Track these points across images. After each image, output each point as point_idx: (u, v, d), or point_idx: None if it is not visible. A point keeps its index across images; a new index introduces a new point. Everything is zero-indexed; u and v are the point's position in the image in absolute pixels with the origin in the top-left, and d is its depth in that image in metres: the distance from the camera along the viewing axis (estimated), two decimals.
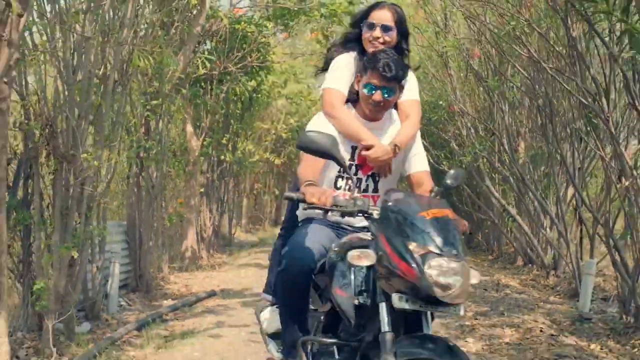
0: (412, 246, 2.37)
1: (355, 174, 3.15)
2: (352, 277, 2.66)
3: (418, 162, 3.26)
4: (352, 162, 3.14)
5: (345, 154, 3.06)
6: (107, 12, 5.38)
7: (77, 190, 5.28)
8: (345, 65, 3.27)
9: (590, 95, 5.04)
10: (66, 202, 5.27)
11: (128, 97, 6.18)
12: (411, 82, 3.28)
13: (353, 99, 3.21)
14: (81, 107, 5.21)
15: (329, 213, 2.69)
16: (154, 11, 6.27)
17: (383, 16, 3.27)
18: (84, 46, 5.18)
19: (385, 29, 3.24)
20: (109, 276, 6.64)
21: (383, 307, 2.48)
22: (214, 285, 8.42)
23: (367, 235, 2.83)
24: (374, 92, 3.02)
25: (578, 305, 6.88)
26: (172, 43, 6.99)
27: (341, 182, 3.17)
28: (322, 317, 3.13)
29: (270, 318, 3.47)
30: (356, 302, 2.62)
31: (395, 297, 2.41)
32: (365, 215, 2.66)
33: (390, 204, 2.58)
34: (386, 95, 3.02)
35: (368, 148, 3.06)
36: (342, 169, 3.09)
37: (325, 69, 3.43)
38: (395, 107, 3.28)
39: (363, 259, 2.55)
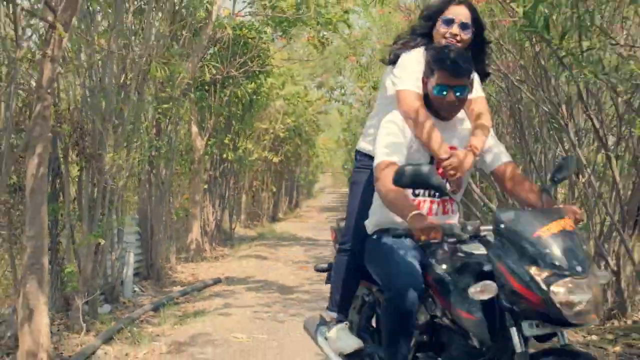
0: (533, 270, 2.30)
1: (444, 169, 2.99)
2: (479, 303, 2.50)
3: (500, 155, 3.10)
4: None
5: (420, 156, 2.98)
6: (128, 28, 6.08)
7: (102, 185, 5.99)
8: (416, 62, 3.11)
9: (552, 104, 5.75)
10: (92, 196, 5.98)
11: (143, 102, 6.85)
12: (475, 78, 3.12)
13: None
14: (105, 112, 5.92)
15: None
16: (167, 25, 6.95)
17: (462, 12, 3.13)
18: (107, 58, 5.89)
19: (464, 26, 3.11)
20: (125, 264, 7.34)
21: (514, 331, 2.40)
22: (218, 273, 9.12)
23: (473, 247, 2.69)
24: (445, 92, 2.88)
25: None
26: (182, 52, 7.68)
27: (420, 189, 2.98)
28: (420, 334, 2.98)
29: (344, 337, 3.31)
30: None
31: (525, 325, 2.37)
32: (480, 240, 2.55)
33: (503, 225, 2.46)
34: (459, 94, 2.89)
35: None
36: None
37: (392, 61, 3.27)
38: None
39: (485, 292, 2.41)
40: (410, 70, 3.08)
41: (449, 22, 3.12)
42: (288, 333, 5.84)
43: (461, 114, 3.08)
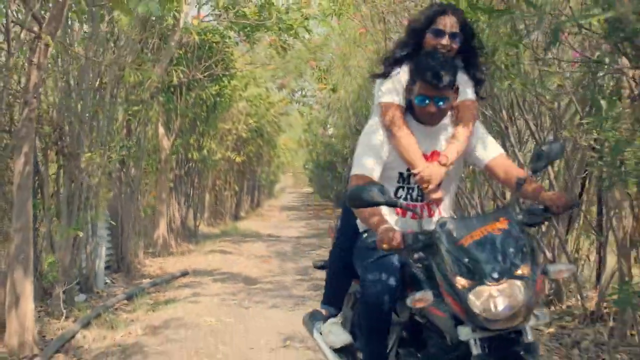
0: (457, 279, 2.36)
1: (416, 183, 3.05)
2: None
3: (489, 150, 3.09)
4: (409, 172, 3.04)
5: (400, 164, 3.04)
6: (103, 37, 6.55)
7: (79, 182, 6.44)
8: (402, 72, 3.12)
9: (494, 110, 6.39)
10: (71, 192, 6.43)
11: (116, 105, 7.31)
12: (464, 81, 3.13)
13: (408, 104, 3.08)
14: (82, 114, 6.37)
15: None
16: (138, 32, 7.42)
17: (451, 22, 3.11)
18: (85, 65, 6.35)
19: (454, 36, 3.10)
20: (97, 257, 7.77)
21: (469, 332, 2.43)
22: (185, 267, 9.60)
23: None
24: (426, 103, 2.90)
25: None
26: (152, 59, 8.15)
27: (401, 192, 3.08)
28: (401, 330, 3.05)
29: (335, 332, 3.34)
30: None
31: (461, 329, 2.41)
32: (424, 250, 2.60)
33: (437, 235, 2.51)
34: (440, 104, 2.90)
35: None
36: (401, 180, 3.07)
37: (383, 75, 3.22)
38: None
39: (422, 301, 2.50)
40: (394, 84, 3.11)
41: (439, 34, 3.10)
42: (253, 318, 6.39)
43: (447, 119, 3.08)
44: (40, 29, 5.04)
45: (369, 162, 2.99)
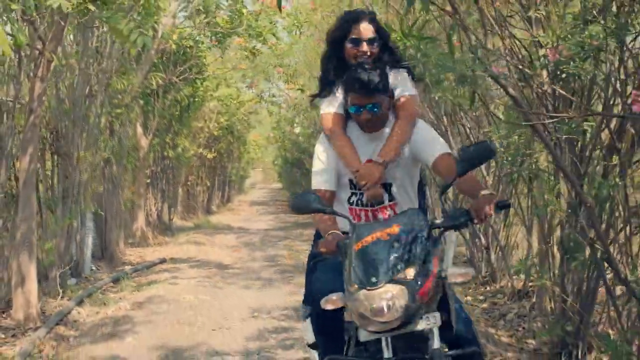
0: (349, 284, 2.46)
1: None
2: None
3: (433, 149, 3.06)
4: None
5: (348, 171, 3.09)
6: (93, 50, 7.43)
7: (73, 178, 7.31)
8: (334, 95, 3.22)
9: (435, 115, 7.42)
10: (65, 187, 7.29)
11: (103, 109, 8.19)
12: (399, 79, 3.18)
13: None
14: (75, 118, 7.24)
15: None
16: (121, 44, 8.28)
17: (366, 29, 3.18)
18: (78, 75, 7.22)
19: (371, 41, 3.17)
20: (85, 246, 8.62)
21: (383, 339, 2.49)
22: (163, 255, 10.50)
23: None
24: (361, 111, 2.97)
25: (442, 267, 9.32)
26: (134, 67, 9.03)
27: (354, 198, 3.15)
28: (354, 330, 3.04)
29: (309, 329, 3.32)
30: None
31: (360, 331, 2.51)
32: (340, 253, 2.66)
33: (347, 240, 2.62)
34: (375, 110, 2.96)
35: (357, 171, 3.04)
36: (352, 186, 3.13)
37: (321, 94, 3.31)
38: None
39: (332, 304, 2.61)
40: (330, 98, 3.22)
41: (357, 42, 3.17)
42: (226, 296, 7.36)
43: (391, 121, 3.10)
44: (43, 47, 5.91)
45: (321, 175, 3.14)
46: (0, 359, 4.97)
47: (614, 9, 3.52)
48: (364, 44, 3.16)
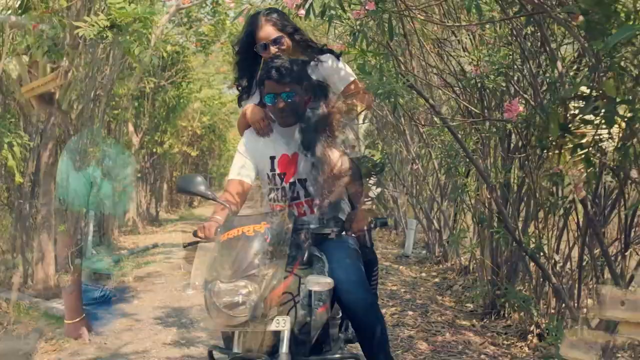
0: (207, 275, 2.48)
1: (281, 183, 3.07)
2: None
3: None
4: (274, 172, 3.08)
5: (265, 166, 3.08)
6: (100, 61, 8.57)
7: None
8: (255, 95, 3.26)
9: (395, 117, 8.65)
10: None
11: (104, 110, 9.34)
12: (334, 67, 3.22)
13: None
14: (84, 119, 8.38)
15: None
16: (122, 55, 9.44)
17: (267, 31, 3.18)
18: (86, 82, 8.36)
19: (277, 41, 3.16)
20: (88, 231, 9.75)
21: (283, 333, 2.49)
22: (154, 242, 11.66)
23: None
24: (275, 100, 2.92)
25: (404, 250, 10.54)
26: (131, 74, 10.21)
27: (272, 194, 3.11)
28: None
29: None
30: None
31: None
32: None
33: (219, 229, 2.65)
34: (290, 100, 2.90)
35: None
36: (270, 182, 3.10)
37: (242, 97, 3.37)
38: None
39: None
40: (251, 97, 3.28)
41: (264, 47, 3.18)
42: None
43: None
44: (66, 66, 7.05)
45: (240, 167, 3.15)
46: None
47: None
48: (271, 46, 3.18)
